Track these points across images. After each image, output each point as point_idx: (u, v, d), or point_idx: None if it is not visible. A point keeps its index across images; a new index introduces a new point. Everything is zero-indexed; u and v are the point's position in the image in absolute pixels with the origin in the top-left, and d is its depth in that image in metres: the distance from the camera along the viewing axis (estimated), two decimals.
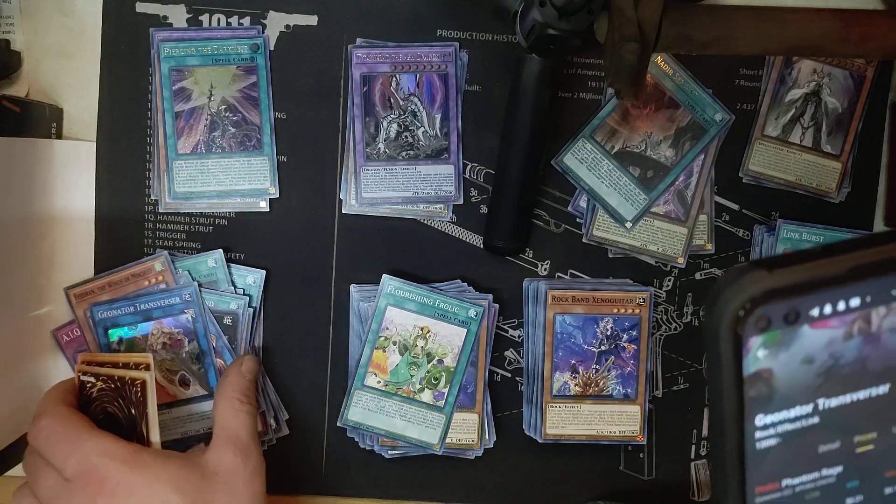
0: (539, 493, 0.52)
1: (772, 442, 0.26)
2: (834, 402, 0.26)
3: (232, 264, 0.49)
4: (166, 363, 0.48)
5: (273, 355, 0.50)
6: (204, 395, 0.49)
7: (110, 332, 0.48)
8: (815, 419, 0.26)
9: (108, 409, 0.42)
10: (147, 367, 0.41)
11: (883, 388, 0.26)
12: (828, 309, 0.24)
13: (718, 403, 0.25)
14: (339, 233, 0.50)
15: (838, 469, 0.27)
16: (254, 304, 0.49)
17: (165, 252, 0.49)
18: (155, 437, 0.41)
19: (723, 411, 0.25)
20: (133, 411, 0.41)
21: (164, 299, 0.48)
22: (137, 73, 0.49)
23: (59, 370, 0.49)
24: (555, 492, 0.52)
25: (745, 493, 0.26)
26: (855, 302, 0.24)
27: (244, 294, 0.49)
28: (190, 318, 0.48)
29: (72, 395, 0.42)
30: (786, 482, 0.26)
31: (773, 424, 0.25)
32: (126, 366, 0.41)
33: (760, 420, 0.25)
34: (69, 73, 0.49)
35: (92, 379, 0.42)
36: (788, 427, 0.26)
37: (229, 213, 0.50)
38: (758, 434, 0.25)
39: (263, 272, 0.49)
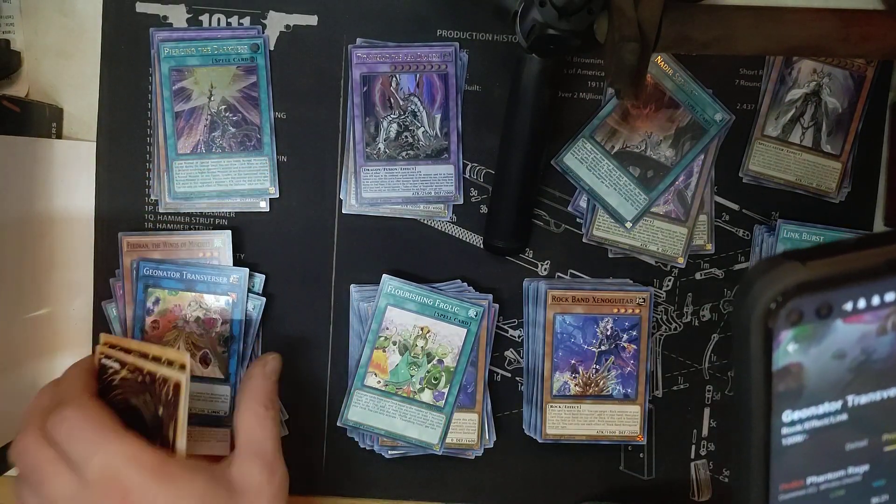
0: (539, 493, 0.52)
1: (798, 438, 0.25)
2: (864, 398, 0.25)
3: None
4: (193, 336, 0.48)
5: None
6: (220, 378, 0.49)
7: (149, 290, 0.48)
8: (844, 416, 0.25)
9: (131, 402, 0.39)
10: (182, 367, 0.38)
11: None
12: (862, 303, 0.24)
13: (745, 398, 0.24)
14: (339, 233, 0.50)
15: (865, 468, 0.26)
16: (255, 309, 0.49)
17: (229, 231, 0.49)
18: (182, 444, 0.38)
19: (749, 406, 0.24)
20: (161, 412, 0.38)
21: (211, 276, 0.48)
22: (137, 73, 0.49)
23: (60, 371, 0.49)
24: (555, 492, 0.52)
25: (768, 491, 0.25)
26: (890, 297, 0.24)
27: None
28: (230, 301, 0.48)
29: (94, 381, 0.40)
30: (811, 479, 0.26)
31: (801, 421, 0.25)
32: (158, 360, 0.38)
33: (788, 416, 0.25)
34: (69, 73, 0.49)
35: (116, 365, 0.39)
36: (816, 423, 0.25)
37: (229, 213, 0.50)
38: (784, 430, 0.25)
39: (263, 276, 0.49)
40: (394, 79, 0.49)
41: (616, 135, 0.50)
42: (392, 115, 0.49)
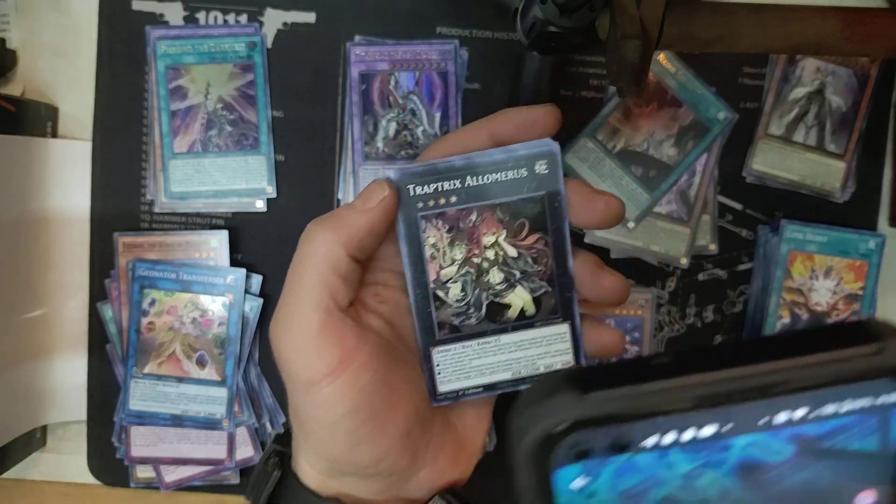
0: None
1: None
2: None
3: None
4: (189, 338, 0.48)
5: (269, 357, 0.50)
6: (216, 381, 0.48)
7: (145, 291, 0.48)
8: None
9: None
10: None
11: None
12: (669, 438, 0.19)
13: None
14: None
15: None
16: (252, 310, 0.48)
17: (226, 231, 0.48)
18: None
19: None
20: None
21: (208, 276, 0.48)
22: (133, 72, 0.48)
23: (55, 372, 0.49)
24: None
25: None
26: (708, 431, 0.19)
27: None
28: (227, 303, 0.48)
29: None
30: None
31: None
32: None
33: None
34: (65, 72, 0.49)
35: None
36: None
37: (226, 212, 0.49)
38: None
39: (260, 277, 0.49)
40: (393, 77, 0.48)
41: (618, 134, 0.49)
42: (391, 114, 0.48)
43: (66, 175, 0.49)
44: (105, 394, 0.50)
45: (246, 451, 0.49)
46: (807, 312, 0.49)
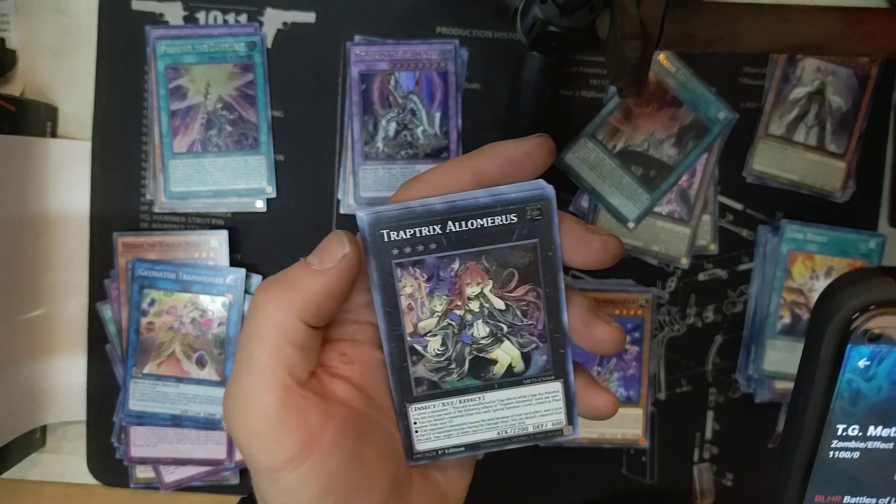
0: (540, 496, 0.51)
1: (846, 455, 0.24)
2: None
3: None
4: (189, 339, 0.48)
5: None
6: (216, 381, 0.48)
7: (145, 291, 0.48)
8: None
9: None
10: None
11: None
12: None
13: (803, 402, 0.24)
14: None
15: None
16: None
17: (226, 231, 0.48)
18: None
19: (806, 411, 0.23)
20: None
21: (208, 276, 0.48)
22: (133, 72, 0.48)
23: (55, 372, 0.49)
24: (556, 495, 0.51)
25: (803, 498, 0.25)
26: None
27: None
28: (227, 303, 0.48)
29: None
30: (847, 499, 0.25)
31: (853, 438, 0.24)
32: None
33: (842, 430, 0.24)
34: (64, 72, 0.49)
35: None
36: (868, 445, 0.24)
37: (226, 212, 0.49)
38: (834, 443, 0.24)
39: (260, 277, 0.49)
40: (393, 77, 0.48)
41: (618, 134, 0.49)
42: (391, 114, 0.48)
43: (66, 175, 0.49)
44: (105, 394, 0.50)
45: None
46: (807, 312, 0.49)
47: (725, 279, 0.51)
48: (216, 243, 0.48)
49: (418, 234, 0.26)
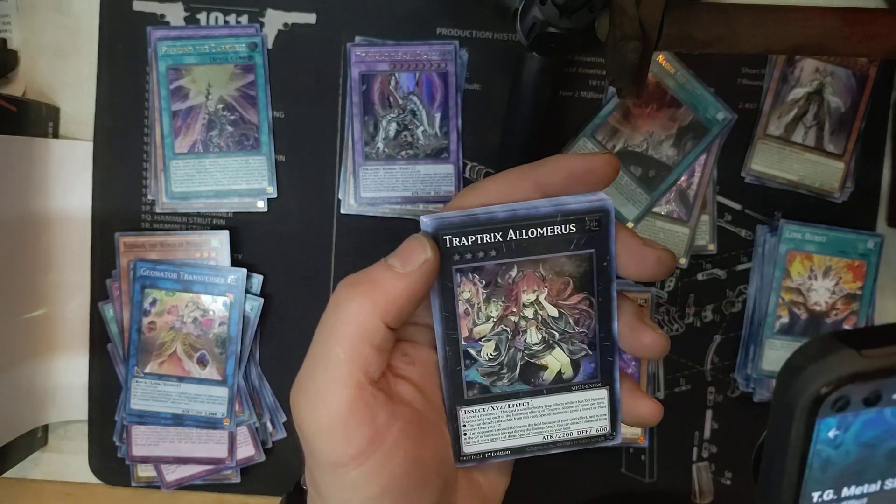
0: (540, 495, 0.51)
1: None
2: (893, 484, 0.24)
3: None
4: (191, 338, 0.48)
5: (270, 356, 0.50)
6: (217, 380, 0.48)
7: (146, 290, 0.48)
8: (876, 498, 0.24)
9: None
10: None
11: None
12: None
13: (776, 479, 0.23)
14: (338, 233, 0.50)
15: None
16: (252, 310, 0.49)
17: (227, 231, 0.48)
18: None
19: (780, 486, 0.23)
20: None
21: (209, 276, 0.48)
22: (134, 72, 0.49)
23: (56, 371, 0.49)
24: (556, 494, 0.51)
25: None
26: None
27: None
28: (228, 302, 0.48)
29: None
30: None
31: (829, 502, 0.24)
32: None
33: (818, 497, 0.24)
34: (66, 72, 0.49)
35: None
36: None
37: (227, 213, 0.49)
38: None
39: (261, 277, 0.49)
40: (393, 77, 0.48)
41: (617, 134, 0.49)
42: (391, 114, 0.49)
43: (68, 175, 0.49)
44: (106, 393, 0.50)
45: (247, 450, 0.50)
46: (805, 312, 0.49)
47: (724, 279, 0.51)
48: (217, 243, 0.48)
49: (480, 241, 0.27)
